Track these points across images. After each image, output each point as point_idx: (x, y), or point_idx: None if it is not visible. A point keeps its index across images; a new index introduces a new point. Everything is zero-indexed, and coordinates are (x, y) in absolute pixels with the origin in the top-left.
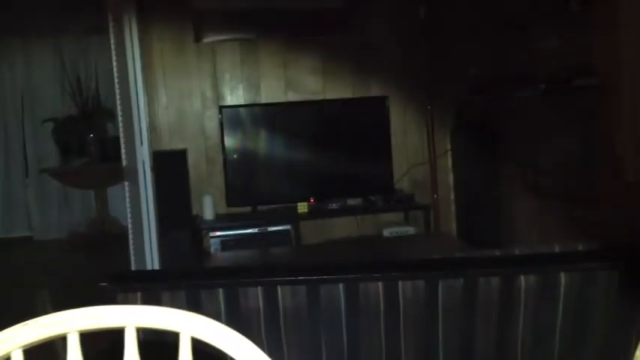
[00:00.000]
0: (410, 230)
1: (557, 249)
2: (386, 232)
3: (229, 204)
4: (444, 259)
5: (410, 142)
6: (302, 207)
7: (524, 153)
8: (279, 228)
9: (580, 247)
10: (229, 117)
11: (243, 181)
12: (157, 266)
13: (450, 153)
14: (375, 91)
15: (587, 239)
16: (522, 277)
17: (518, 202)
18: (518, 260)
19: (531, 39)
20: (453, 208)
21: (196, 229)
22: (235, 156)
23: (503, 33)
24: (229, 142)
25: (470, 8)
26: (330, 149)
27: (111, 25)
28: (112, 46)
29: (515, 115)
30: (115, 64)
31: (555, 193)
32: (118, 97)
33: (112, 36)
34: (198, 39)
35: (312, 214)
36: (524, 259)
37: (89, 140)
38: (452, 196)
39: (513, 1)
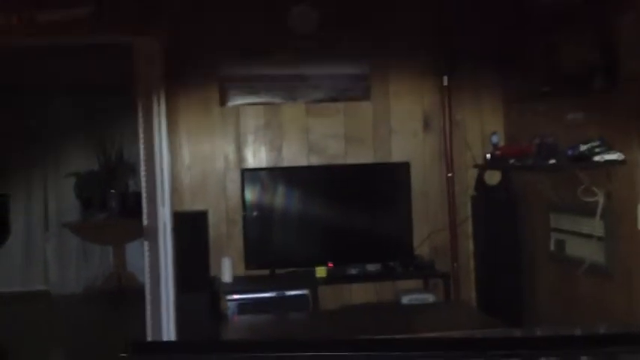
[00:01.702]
0: (429, 298)
1: (579, 331)
2: (405, 299)
3: (248, 266)
4: (464, 340)
5: (430, 208)
6: (320, 272)
7: (545, 223)
8: (297, 292)
9: (602, 329)
10: (251, 179)
11: (263, 242)
12: (172, 327)
13: (470, 220)
14: (396, 156)
15: (611, 315)
16: None
17: (539, 273)
18: (538, 343)
19: (555, 110)
20: (473, 276)
21: (214, 290)
22: (255, 216)
23: (527, 102)
24: (250, 204)
25: (494, 76)
26: (351, 214)
27: (138, 86)
28: (140, 110)
29: (537, 185)
30: (140, 126)
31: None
32: (142, 157)
33: (139, 98)
34: (223, 103)
35: (330, 279)
36: (544, 341)
37: (110, 195)
38: (472, 264)
39: (538, 73)
